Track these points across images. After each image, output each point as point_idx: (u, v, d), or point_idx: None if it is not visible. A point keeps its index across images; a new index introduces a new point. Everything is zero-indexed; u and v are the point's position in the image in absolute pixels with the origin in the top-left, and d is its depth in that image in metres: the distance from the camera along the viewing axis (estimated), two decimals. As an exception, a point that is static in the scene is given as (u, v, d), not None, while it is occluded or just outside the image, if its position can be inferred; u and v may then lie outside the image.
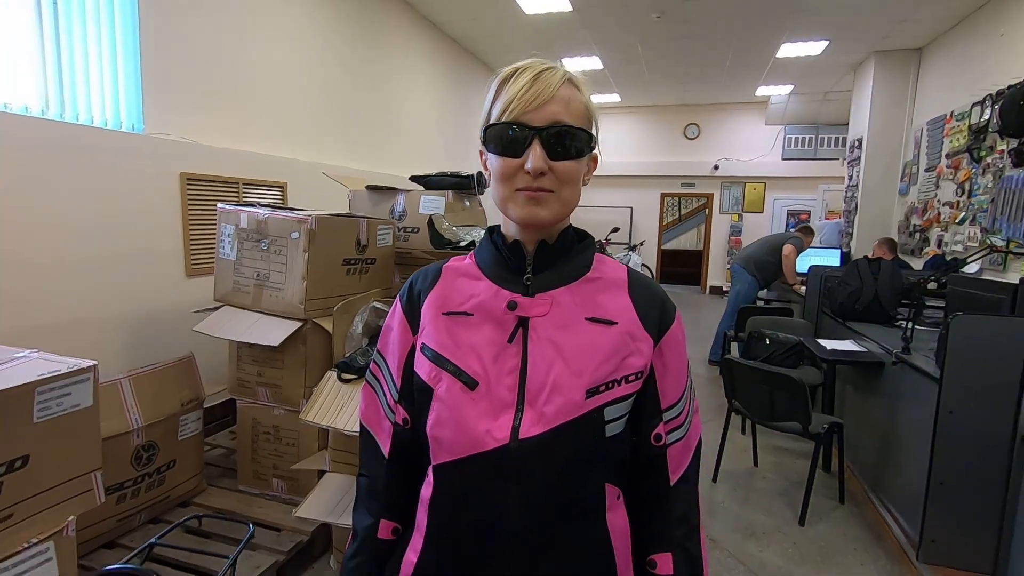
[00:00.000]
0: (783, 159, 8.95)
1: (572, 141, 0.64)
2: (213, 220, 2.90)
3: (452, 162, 6.06)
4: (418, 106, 5.50)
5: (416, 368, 0.70)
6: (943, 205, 4.79)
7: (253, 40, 3.37)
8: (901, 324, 2.83)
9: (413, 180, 2.83)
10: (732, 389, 2.77)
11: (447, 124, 6.13)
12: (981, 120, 4.22)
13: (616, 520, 0.68)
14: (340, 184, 2.84)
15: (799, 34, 5.59)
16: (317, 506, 1.85)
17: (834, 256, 5.22)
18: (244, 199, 3.19)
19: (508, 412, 0.63)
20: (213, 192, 3.03)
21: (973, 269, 4.09)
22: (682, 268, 10.70)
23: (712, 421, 3.54)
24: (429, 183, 2.74)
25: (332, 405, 1.85)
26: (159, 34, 2.76)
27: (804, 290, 4.25)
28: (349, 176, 3.13)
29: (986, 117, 4.16)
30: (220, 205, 2.32)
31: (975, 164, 4.30)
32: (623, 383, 0.65)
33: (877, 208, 5.91)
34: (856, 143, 6.20)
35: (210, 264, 2.86)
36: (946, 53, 5.17)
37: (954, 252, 4.51)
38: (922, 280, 3.14)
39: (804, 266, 4.58)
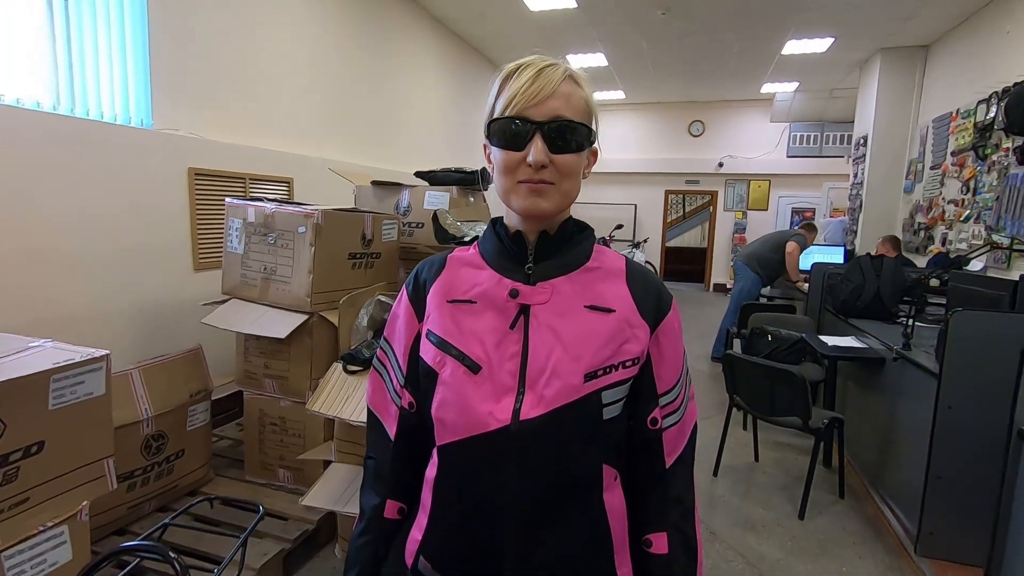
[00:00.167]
0: (788, 156, 8.95)
1: (572, 135, 0.66)
2: (220, 215, 2.94)
3: (457, 158, 6.08)
4: (423, 103, 5.53)
5: (421, 353, 0.73)
6: (948, 203, 4.78)
7: (260, 37, 3.40)
8: (903, 321, 2.84)
9: (418, 176, 2.85)
10: (733, 384, 2.79)
11: (452, 121, 6.15)
12: (987, 118, 4.21)
13: (613, 499, 0.70)
14: (346, 180, 2.87)
15: (804, 31, 5.57)
16: (323, 495, 1.88)
17: (838, 254, 5.21)
18: (251, 194, 3.22)
19: (509, 395, 0.66)
20: (220, 187, 3.07)
21: (978, 267, 4.09)
22: (686, 265, 10.68)
23: (714, 417, 3.56)
24: (434, 179, 2.76)
25: (338, 396, 1.88)
26: (168, 30, 2.79)
27: (807, 287, 4.25)
28: (355, 172, 3.16)
29: (992, 115, 4.15)
30: (228, 200, 2.35)
31: (980, 162, 4.30)
32: (620, 368, 0.68)
33: (882, 206, 5.90)
34: (861, 141, 6.18)
35: (217, 258, 2.90)
36: (952, 50, 5.15)
37: (958, 250, 4.50)
38: (923, 277, 3.15)
39: (807, 263, 4.57)
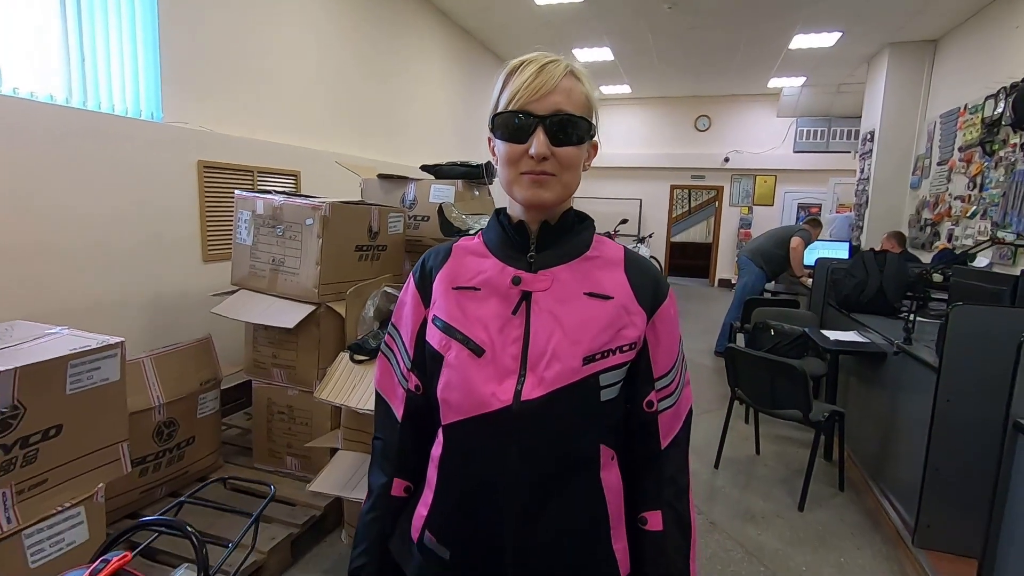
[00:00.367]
0: (794, 152, 8.91)
1: (573, 129, 0.69)
2: (229, 207, 2.98)
3: (462, 152, 6.10)
4: (429, 96, 5.55)
5: (428, 338, 0.76)
6: (954, 199, 4.77)
7: (268, 31, 3.43)
8: (905, 316, 2.85)
9: (424, 169, 2.88)
10: (735, 377, 2.82)
11: (458, 114, 6.17)
12: (994, 113, 4.20)
13: (610, 478, 0.74)
14: (352, 173, 2.90)
15: (812, 25, 5.54)
16: (330, 481, 1.93)
17: (843, 249, 5.20)
18: (259, 187, 3.26)
19: (511, 377, 0.69)
20: (229, 180, 3.11)
21: (983, 263, 4.09)
22: (691, 261, 10.67)
23: (716, 410, 3.59)
24: (439, 172, 2.79)
25: (344, 385, 1.92)
26: (177, 25, 2.83)
27: (811, 282, 4.26)
28: (361, 165, 3.19)
29: (999, 110, 4.13)
30: (237, 192, 2.38)
31: (987, 158, 4.28)
32: (617, 352, 0.71)
33: (888, 202, 5.88)
34: (868, 136, 6.16)
35: (226, 249, 2.94)
36: (960, 45, 5.12)
37: (964, 246, 4.49)
38: (926, 272, 3.15)
39: (812, 259, 4.57)
